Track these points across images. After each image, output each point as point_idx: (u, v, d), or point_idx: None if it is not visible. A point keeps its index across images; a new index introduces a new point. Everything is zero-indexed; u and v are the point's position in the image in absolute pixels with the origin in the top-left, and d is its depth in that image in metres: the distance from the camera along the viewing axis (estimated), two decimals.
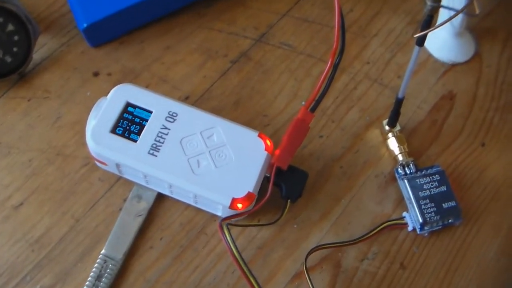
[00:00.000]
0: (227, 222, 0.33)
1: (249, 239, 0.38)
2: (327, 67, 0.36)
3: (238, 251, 0.31)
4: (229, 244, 0.32)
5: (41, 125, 0.41)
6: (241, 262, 0.31)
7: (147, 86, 0.42)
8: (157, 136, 0.37)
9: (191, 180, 0.36)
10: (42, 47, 0.44)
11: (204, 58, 0.44)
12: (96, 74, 0.43)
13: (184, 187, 0.36)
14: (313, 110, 0.37)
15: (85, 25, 0.42)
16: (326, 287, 0.37)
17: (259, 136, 0.37)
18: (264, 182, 0.37)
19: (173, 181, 0.36)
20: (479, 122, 0.43)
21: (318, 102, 0.37)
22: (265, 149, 0.37)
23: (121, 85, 0.39)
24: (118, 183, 0.39)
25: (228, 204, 0.35)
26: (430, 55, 0.45)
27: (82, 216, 0.38)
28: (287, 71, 0.44)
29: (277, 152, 0.36)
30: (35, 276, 0.36)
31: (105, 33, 0.43)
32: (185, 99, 0.42)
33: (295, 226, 0.38)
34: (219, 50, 0.44)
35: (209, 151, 0.37)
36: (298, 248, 0.38)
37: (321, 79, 0.36)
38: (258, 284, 0.31)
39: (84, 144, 0.38)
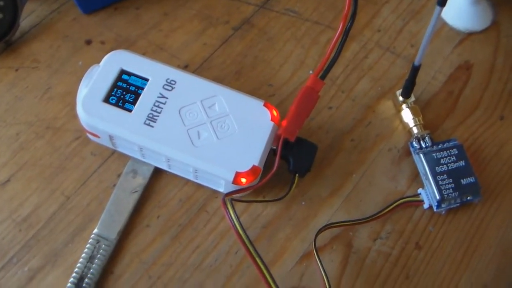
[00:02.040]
0: (231, 197, 0.30)
1: (254, 217, 0.35)
2: (338, 31, 0.33)
3: (243, 229, 0.29)
4: (233, 221, 0.29)
5: (29, 97, 0.38)
6: (246, 241, 0.29)
7: (143, 55, 0.39)
8: (154, 105, 0.34)
9: (190, 153, 0.33)
10: (31, 14, 0.41)
11: (204, 25, 0.41)
12: (88, 42, 0.40)
13: (183, 160, 0.33)
14: (323, 77, 0.34)
15: None
16: (337, 269, 0.34)
17: (265, 105, 0.35)
18: (270, 155, 0.34)
19: (171, 154, 0.33)
20: (498, 94, 0.40)
21: (328, 69, 0.34)
22: (271, 120, 0.34)
23: (115, 51, 0.36)
24: (112, 157, 0.36)
25: (231, 179, 0.32)
26: (445, 23, 0.42)
27: (73, 193, 0.35)
28: (293, 39, 0.41)
29: (284, 122, 0.34)
30: (22, 258, 0.33)
31: None
32: (184, 67, 0.39)
33: (303, 203, 0.36)
34: (220, 16, 0.41)
35: (211, 122, 0.34)
36: (306, 227, 0.35)
37: (332, 44, 0.33)
38: (264, 264, 0.29)
39: (75, 116, 0.35)
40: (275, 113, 0.35)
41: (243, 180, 0.33)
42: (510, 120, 0.39)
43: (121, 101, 0.34)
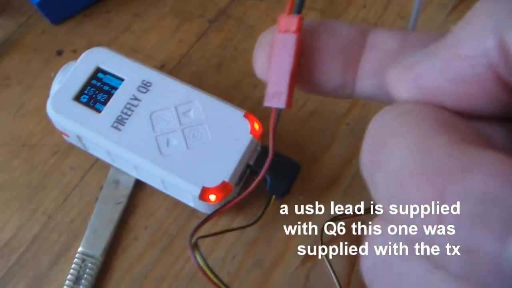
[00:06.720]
0: (198, 236, 0.24)
1: (249, 218, 0.32)
2: None
3: (211, 270, 0.24)
4: (200, 265, 0.24)
5: (2, 116, 0.36)
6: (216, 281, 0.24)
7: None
8: (125, 107, 0.31)
9: (155, 161, 0.30)
10: None
11: (178, 21, 0.38)
12: (59, 52, 0.38)
13: (148, 169, 0.30)
14: (298, 11, 0.30)
15: None
16: (345, 266, 0.31)
17: (246, 116, 0.31)
18: (250, 175, 0.31)
19: (136, 161, 0.30)
20: None
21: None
22: (251, 133, 0.31)
23: (94, 48, 0.33)
24: (93, 170, 0.34)
25: (198, 194, 0.29)
26: None
27: (54, 211, 0.33)
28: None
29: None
30: (6, 285, 0.31)
31: (64, 6, 0.38)
32: (161, 68, 0.37)
33: (300, 197, 0.33)
34: (194, 10, 0.39)
35: (183, 129, 0.31)
36: (306, 223, 0.32)
37: None
38: None
39: (51, 131, 0.33)
40: (256, 126, 0.31)
41: (212, 197, 0.29)
42: None
43: (92, 100, 0.32)
